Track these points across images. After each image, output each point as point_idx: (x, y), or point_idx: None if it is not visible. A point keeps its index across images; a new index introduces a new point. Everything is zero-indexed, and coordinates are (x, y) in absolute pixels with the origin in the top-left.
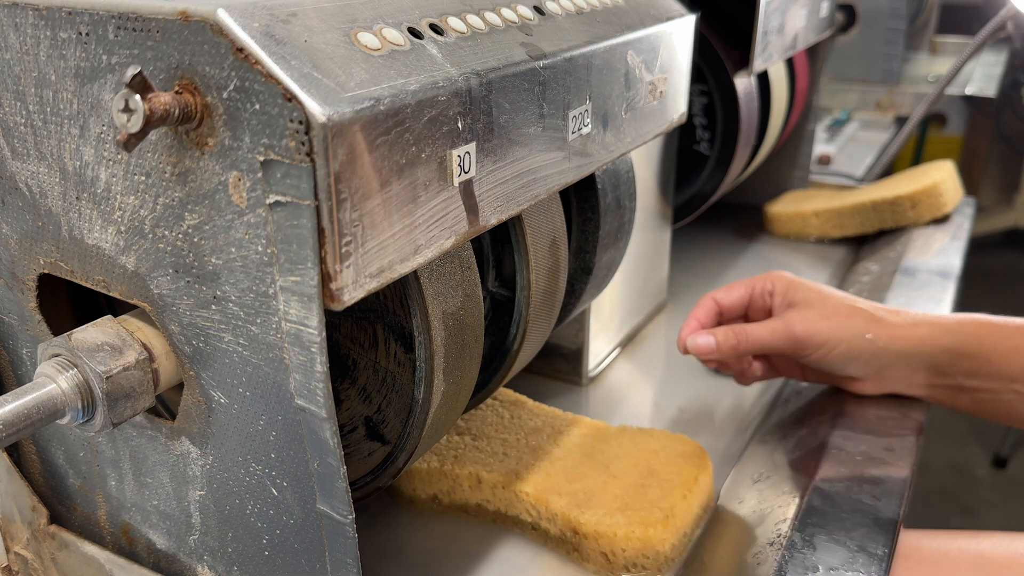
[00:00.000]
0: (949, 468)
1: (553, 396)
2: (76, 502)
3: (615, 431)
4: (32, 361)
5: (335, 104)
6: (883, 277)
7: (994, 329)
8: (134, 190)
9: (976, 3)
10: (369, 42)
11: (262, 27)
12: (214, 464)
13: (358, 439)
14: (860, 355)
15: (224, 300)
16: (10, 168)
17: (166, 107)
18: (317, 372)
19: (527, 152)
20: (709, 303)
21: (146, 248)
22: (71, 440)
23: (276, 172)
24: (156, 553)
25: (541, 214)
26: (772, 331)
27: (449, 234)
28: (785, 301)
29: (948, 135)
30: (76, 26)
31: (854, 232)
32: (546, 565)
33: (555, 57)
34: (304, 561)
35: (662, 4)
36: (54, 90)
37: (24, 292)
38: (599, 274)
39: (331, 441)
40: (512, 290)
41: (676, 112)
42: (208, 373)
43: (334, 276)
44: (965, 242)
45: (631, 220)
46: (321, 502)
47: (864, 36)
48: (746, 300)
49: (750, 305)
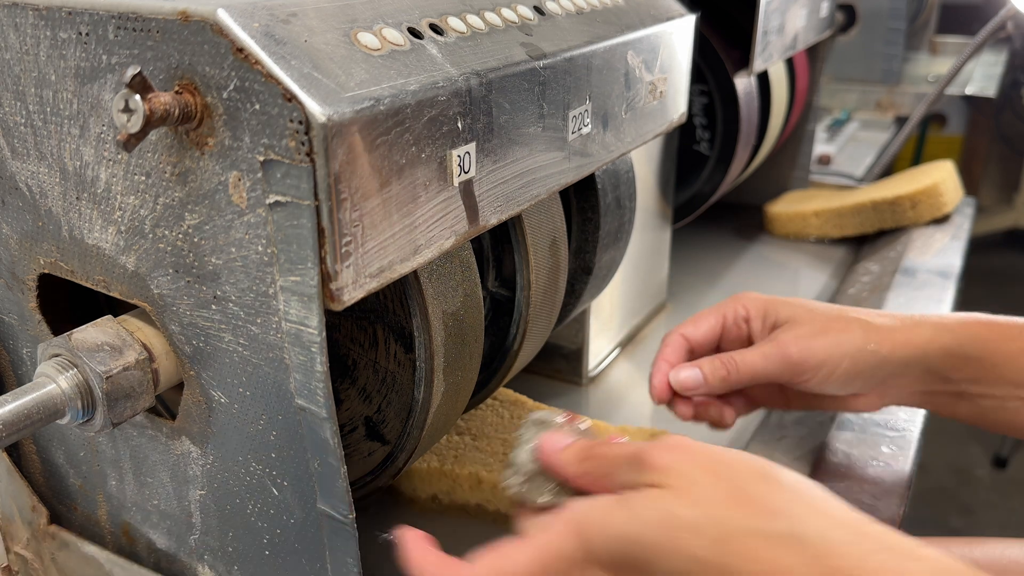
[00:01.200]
0: (949, 468)
1: (553, 396)
2: (76, 502)
3: (615, 431)
4: (32, 361)
5: (335, 104)
6: (883, 277)
7: (998, 330)
8: (134, 190)
9: (976, 3)
10: (369, 42)
11: (262, 27)
12: (214, 464)
13: (358, 439)
14: (864, 370)
15: (224, 300)
16: (10, 168)
17: (166, 107)
18: (317, 372)
19: (527, 152)
20: (677, 340)
21: (146, 248)
22: (71, 440)
23: (276, 172)
24: (156, 553)
25: (541, 214)
26: (764, 356)
27: (449, 234)
28: (767, 323)
29: (948, 135)
30: (76, 26)
31: (854, 232)
32: None
33: (555, 57)
34: (304, 561)
35: (662, 4)
36: (54, 90)
37: (24, 292)
38: (599, 274)
39: (331, 441)
40: (512, 290)
41: (676, 112)
42: (208, 373)
43: (334, 276)
44: (965, 242)
45: (631, 220)
46: (321, 502)
47: (864, 36)
48: (718, 331)
49: (723, 336)
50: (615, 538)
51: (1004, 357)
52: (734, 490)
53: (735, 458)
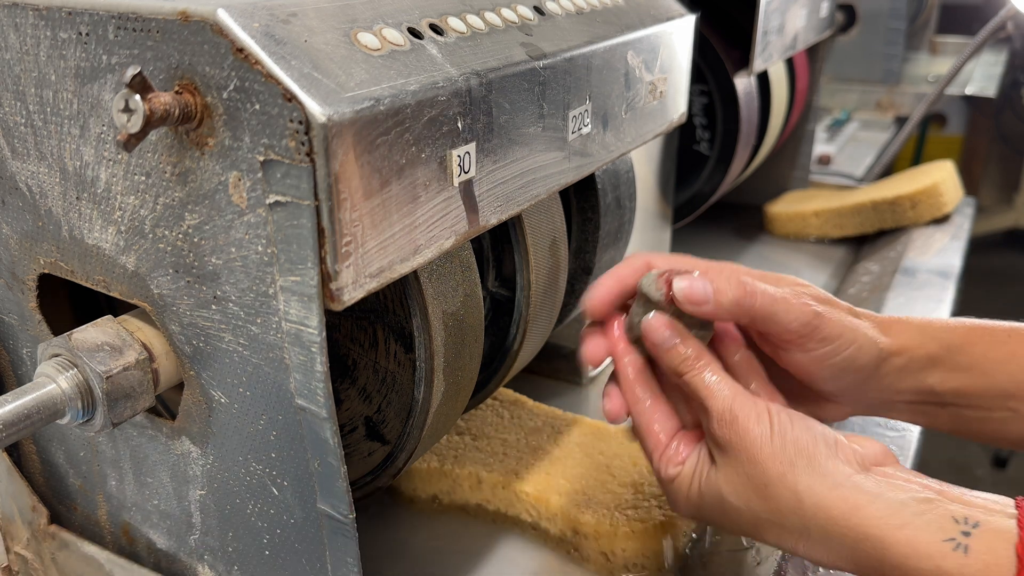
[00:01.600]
0: (949, 468)
1: (553, 396)
2: (76, 502)
3: (615, 431)
4: (32, 361)
5: (335, 104)
6: (883, 277)
7: (986, 334)
8: (134, 190)
9: (976, 3)
10: (369, 42)
11: (262, 27)
12: (215, 464)
13: (358, 439)
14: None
15: (224, 300)
16: (10, 168)
17: (166, 107)
18: (317, 372)
19: (527, 152)
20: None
21: (146, 248)
22: (71, 440)
23: (276, 172)
24: (156, 553)
25: (541, 214)
26: (791, 296)
27: (449, 234)
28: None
29: (948, 135)
30: (76, 26)
31: (854, 232)
32: (546, 565)
33: (555, 57)
34: (304, 561)
35: (662, 4)
36: (54, 90)
37: (24, 292)
38: (599, 274)
39: (331, 441)
40: (512, 290)
41: (676, 112)
42: (208, 373)
43: (334, 276)
44: (965, 242)
45: (631, 220)
46: (321, 502)
47: (864, 36)
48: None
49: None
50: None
51: (992, 362)
52: (762, 487)
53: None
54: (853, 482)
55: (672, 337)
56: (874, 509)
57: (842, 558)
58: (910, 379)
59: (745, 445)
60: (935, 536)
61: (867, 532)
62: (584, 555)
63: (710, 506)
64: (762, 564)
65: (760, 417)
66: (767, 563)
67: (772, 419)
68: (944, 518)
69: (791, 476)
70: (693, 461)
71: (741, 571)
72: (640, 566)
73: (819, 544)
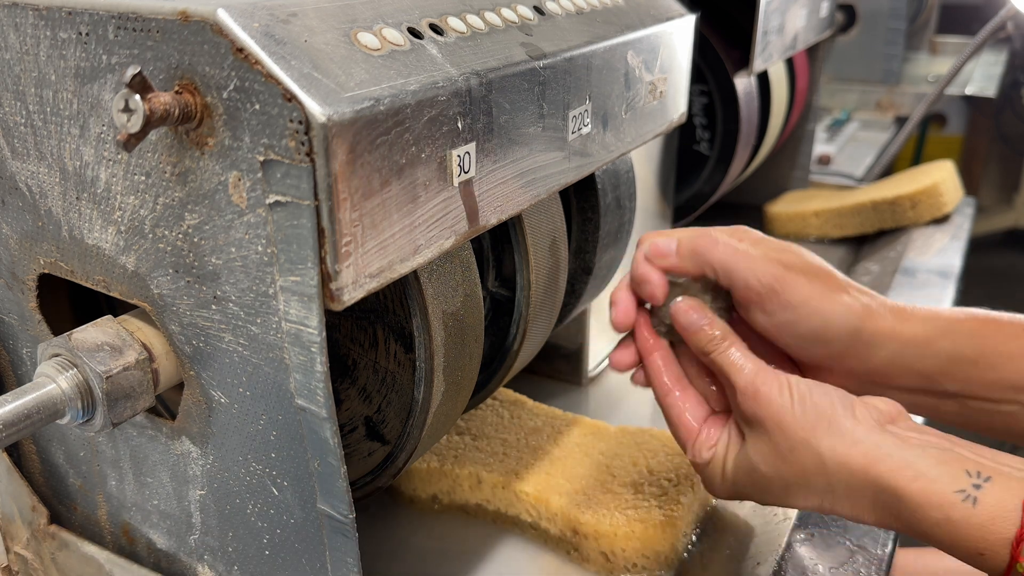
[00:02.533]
0: None
1: (553, 396)
2: (76, 502)
3: (615, 431)
4: (32, 361)
5: (335, 104)
6: (883, 277)
7: (998, 327)
8: (134, 190)
9: (976, 3)
10: (369, 42)
11: (262, 27)
12: (214, 464)
13: (358, 439)
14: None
15: (224, 300)
16: (10, 168)
17: (166, 107)
18: (317, 372)
19: (527, 152)
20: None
21: (146, 248)
22: (71, 440)
23: (276, 172)
24: (156, 553)
25: (541, 214)
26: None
27: (449, 234)
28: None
29: (948, 135)
30: (76, 26)
31: (854, 232)
32: (546, 565)
33: (555, 57)
34: (304, 561)
35: (662, 4)
36: (54, 90)
37: (24, 292)
38: (599, 274)
39: (331, 441)
40: (512, 290)
41: (676, 112)
42: (208, 373)
43: (334, 276)
44: (965, 242)
45: (631, 220)
46: (321, 502)
47: (864, 36)
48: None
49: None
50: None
51: (1003, 357)
52: (788, 452)
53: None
54: (871, 439)
55: (700, 319)
56: (891, 462)
57: (864, 510)
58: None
59: (770, 414)
60: (947, 487)
61: (884, 484)
62: (584, 555)
63: (743, 480)
64: (762, 564)
65: (782, 388)
66: (767, 563)
67: (792, 389)
68: (958, 471)
69: (814, 440)
70: (724, 441)
71: (741, 571)
72: (640, 566)
73: (844, 499)
